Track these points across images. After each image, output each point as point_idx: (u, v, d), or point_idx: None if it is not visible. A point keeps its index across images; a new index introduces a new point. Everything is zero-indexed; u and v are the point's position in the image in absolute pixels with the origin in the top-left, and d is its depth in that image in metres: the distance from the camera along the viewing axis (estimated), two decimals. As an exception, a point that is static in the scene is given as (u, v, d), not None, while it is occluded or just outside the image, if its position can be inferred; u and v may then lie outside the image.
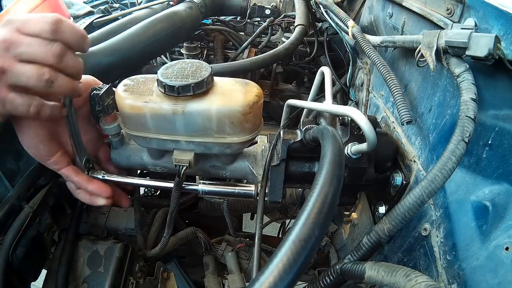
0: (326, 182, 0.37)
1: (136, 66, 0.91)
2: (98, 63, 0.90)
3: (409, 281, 0.39)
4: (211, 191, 0.71)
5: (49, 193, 0.76)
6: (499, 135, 0.48)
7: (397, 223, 0.46)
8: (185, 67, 0.62)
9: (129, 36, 0.99)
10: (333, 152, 0.43)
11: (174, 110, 0.59)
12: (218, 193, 0.72)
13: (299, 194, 1.14)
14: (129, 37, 0.99)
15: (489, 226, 0.49)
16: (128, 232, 1.02)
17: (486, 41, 0.44)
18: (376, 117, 0.80)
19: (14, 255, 0.68)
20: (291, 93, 1.49)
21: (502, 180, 0.48)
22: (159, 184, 0.73)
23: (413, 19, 0.69)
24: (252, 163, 0.73)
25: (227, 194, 0.72)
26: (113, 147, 0.75)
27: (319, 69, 0.73)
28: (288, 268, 0.29)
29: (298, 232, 0.32)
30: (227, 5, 1.54)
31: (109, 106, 0.66)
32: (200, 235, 1.15)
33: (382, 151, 0.66)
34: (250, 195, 0.71)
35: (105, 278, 0.84)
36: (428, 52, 0.52)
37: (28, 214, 0.70)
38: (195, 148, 0.66)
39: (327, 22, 1.02)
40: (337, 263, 0.51)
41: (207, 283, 1.12)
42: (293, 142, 0.64)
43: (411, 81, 0.71)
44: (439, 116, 0.59)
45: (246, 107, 0.60)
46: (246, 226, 1.75)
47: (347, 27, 0.81)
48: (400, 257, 0.67)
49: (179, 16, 1.19)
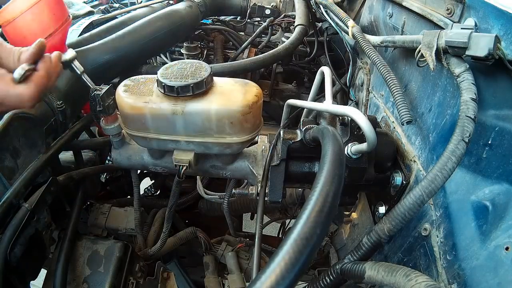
0: (327, 181, 0.37)
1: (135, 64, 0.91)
2: (97, 60, 0.90)
3: (409, 281, 0.39)
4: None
5: (48, 191, 0.76)
6: (499, 135, 0.48)
7: (397, 223, 0.46)
8: (185, 67, 0.62)
9: (128, 34, 0.99)
10: (333, 151, 0.43)
11: (174, 110, 0.59)
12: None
13: (299, 194, 1.14)
14: (128, 34, 0.99)
15: (489, 226, 0.49)
16: (128, 232, 1.02)
17: (486, 41, 0.44)
18: (376, 117, 0.80)
19: (12, 254, 0.67)
20: (291, 93, 1.49)
21: (502, 180, 0.48)
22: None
23: (413, 19, 0.69)
24: (252, 163, 0.73)
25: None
26: (114, 147, 0.75)
27: (319, 69, 0.73)
28: (290, 267, 0.29)
29: (299, 231, 0.32)
30: (227, 5, 1.54)
31: (110, 107, 0.66)
32: (200, 235, 1.15)
33: (382, 151, 0.66)
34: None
35: (105, 278, 0.84)
36: (428, 52, 0.52)
37: (26, 212, 0.69)
38: (195, 148, 0.66)
39: (327, 22, 1.02)
40: (337, 263, 0.51)
41: (207, 283, 1.12)
42: (293, 142, 0.64)
43: (411, 81, 0.71)
44: (439, 116, 0.59)
45: (246, 107, 0.60)
46: (246, 226, 1.75)
47: (347, 27, 0.81)
48: (400, 257, 0.67)
49: (178, 14, 1.19)
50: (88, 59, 0.87)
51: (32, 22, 0.77)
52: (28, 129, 0.74)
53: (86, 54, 0.88)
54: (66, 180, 0.85)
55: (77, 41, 1.08)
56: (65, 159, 0.99)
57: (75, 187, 0.93)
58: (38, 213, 0.74)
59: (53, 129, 0.81)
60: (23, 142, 0.75)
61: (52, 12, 0.80)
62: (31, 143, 0.76)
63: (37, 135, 0.77)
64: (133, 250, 0.93)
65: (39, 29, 0.78)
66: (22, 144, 0.75)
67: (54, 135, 0.82)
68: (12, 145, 0.72)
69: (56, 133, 0.83)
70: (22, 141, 0.75)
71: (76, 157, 0.98)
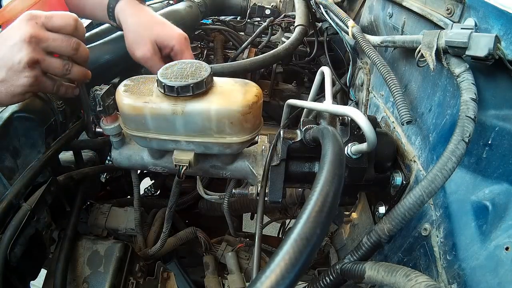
0: (327, 181, 0.37)
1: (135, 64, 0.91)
2: (98, 60, 0.90)
3: (409, 281, 0.39)
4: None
5: (48, 191, 0.76)
6: (499, 135, 0.48)
7: (397, 223, 0.46)
8: (185, 67, 0.62)
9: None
10: (333, 151, 0.43)
11: (174, 111, 0.59)
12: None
13: (299, 194, 1.14)
14: (128, 34, 0.98)
15: (489, 226, 0.49)
16: (128, 232, 1.02)
17: (486, 41, 0.44)
18: (376, 117, 0.80)
19: (12, 254, 0.67)
20: (291, 93, 1.49)
21: (502, 180, 0.48)
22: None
23: (413, 19, 0.69)
24: (252, 163, 0.73)
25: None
26: (114, 147, 0.75)
27: (319, 69, 0.73)
28: (290, 267, 0.29)
29: (299, 231, 0.32)
30: (227, 5, 1.54)
31: (110, 107, 0.66)
32: (200, 235, 1.15)
33: (382, 151, 0.66)
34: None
35: (105, 278, 0.84)
36: (428, 52, 0.52)
37: (26, 213, 0.69)
38: (195, 148, 0.66)
39: (327, 22, 1.02)
40: (337, 263, 0.51)
41: (207, 283, 1.12)
42: (293, 142, 0.64)
43: (411, 81, 0.71)
44: (439, 116, 0.59)
45: (246, 107, 0.60)
46: (246, 226, 1.75)
47: (347, 27, 0.81)
48: (400, 257, 0.67)
49: (178, 14, 1.19)
50: (89, 59, 0.87)
51: (32, 22, 0.77)
52: (28, 129, 0.74)
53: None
54: (66, 180, 0.85)
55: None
56: (65, 159, 0.99)
57: (75, 187, 0.93)
58: (38, 213, 0.74)
59: (53, 129, 0.81)
60: (23, 142, 0.75)
61: (51, 11, 0.80)
62: (31, 143, 0.76)
63: (37, 135, 0.77)
64: (133, 250, 0.93)
65: (39, 29, 0.78)
66: (22, 144, 0.75)
67: (54, 135, 0.82)
68: (12, 145, 0.72)
69: (56, 133, 0.83)
70: (22, 141, 0.75)
71: (76, 157, 0.98)
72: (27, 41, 0.60)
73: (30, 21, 0.61)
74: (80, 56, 0.68)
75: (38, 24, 0.61)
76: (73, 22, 0.65)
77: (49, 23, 0.63)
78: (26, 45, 0.60)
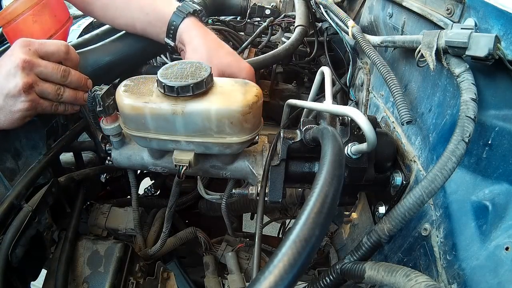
0: (326, 182, 0.37)
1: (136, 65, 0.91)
2: (98, 62, 0.90)
3: (409, 281, 0.39)
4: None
5: (49, 192, 0.76)
6: (499, 135, 0.48)
7: (397, 223, 0.46)
8: (185, 67, 0.62)
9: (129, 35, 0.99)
10: (333, 152, 0.43)
11: (174, 111, 0.59)
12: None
13: (299, 194, 1.14)
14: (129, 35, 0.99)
15: (489, 226, 0.49)
16: (128, 232, 1.02)
17: (486, 41, 0.44)
18: (376, 117, 0.80)
19: (14, 255, 0.68)
20: (291, 93, 1.48)
21: (502, 180, 0.48)
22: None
23: (413, 19, 0.69)
24: (252, 163, 0.73)
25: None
26: (114, 147, 0.75)
27: (319, 69, 0.73)
28: (289, 268, 0.29)
29: (298, 232, 0.32)
30: (227, 5, 1.53)
31: (110, 107, 0.66)
32: (200, 235, 1.15)
33: (382, 151, 0.66)
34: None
35: (105, 278, 0.84)
36: (428, 52, 0.52)
37: (27, 214, 0.70)
38: (195, 148, 0.66)
39: (327, 22, 1.02)
40: (337, 263, 0.51)
41: (207, 283, 1.12)
42: (293, 142, 0.64)
43: (411, 81, 0.71)
44: (439, 116, 0.59)
45: (246, 107, 0.60)
46: (246, 226, 1.75)
47: (347, 27, 0.81)
48: (400, 257, 0.67)
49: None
50: (89, 61, 0.87)
51: (33, 23, 0.77)
52: (29, 130, 0.75)
53: (87, 56, 0.88)
54: (67, 181, 0.85)
55: (77, 42, 1.09)
56: (66, 160, 0.99)
57: (75, 188, 0.93)
58: (39, 214, 0.75)
59: (55, 131, 0.82)
60: (24, 144, 0.76)
61: (53, 13, 0.80)
62: (32, 145, 0.76)
63: (38, 136, 0.77)
64: (133, 250, 0.93)
65: (40, 31, 0.78)
66: (23, 145, 0.75)
67: (55, 136, 0.82)
68: (13, 147, 0.73)
69: (57, 134, 0.83)
70: (24, 143, 0.75)
71: (77, 158, 0.99)
72: (21, 66, 0.62)
73: (23, 48, 0.63)
74: (70, 82, 0.70)
75: (31, 50, 0.64)
76: (65, 48, 0.68)
77: (42, 49, 0.65)
78: (20, 70, 0.62)
